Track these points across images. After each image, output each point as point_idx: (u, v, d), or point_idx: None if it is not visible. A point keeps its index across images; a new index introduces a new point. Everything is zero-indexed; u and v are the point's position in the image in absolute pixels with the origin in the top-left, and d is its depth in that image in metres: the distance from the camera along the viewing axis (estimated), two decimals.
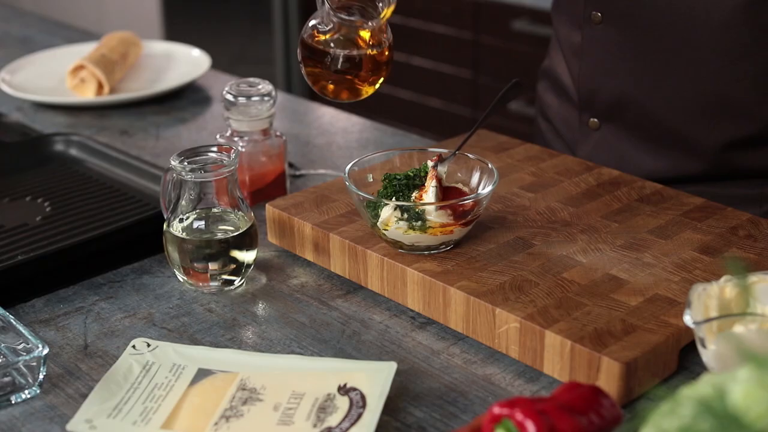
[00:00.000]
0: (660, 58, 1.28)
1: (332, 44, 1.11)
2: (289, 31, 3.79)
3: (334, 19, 1.09)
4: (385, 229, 1.07)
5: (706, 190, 1.32)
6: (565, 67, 1.44)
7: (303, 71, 1.15)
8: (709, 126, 1.29)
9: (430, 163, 1.11)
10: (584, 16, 1.35)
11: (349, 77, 1.13)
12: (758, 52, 1.23)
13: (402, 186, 1.10)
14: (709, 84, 1.27)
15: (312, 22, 1.13)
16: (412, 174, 1.11)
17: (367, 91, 1.15)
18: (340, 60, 1.11)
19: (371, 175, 1.16)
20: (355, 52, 1.10)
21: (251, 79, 1.33)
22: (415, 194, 1.10)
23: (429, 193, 1.08)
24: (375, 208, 1.08)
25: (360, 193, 1.08)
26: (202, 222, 1.12)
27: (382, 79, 1.15)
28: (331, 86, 1.14)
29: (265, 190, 1.34)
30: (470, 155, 1.16)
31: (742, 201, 1.30)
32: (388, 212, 1.06)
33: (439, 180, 1.10)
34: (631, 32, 1.30)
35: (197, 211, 1.12)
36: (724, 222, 1.14)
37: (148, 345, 1.01)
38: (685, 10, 1.24)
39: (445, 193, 1.10)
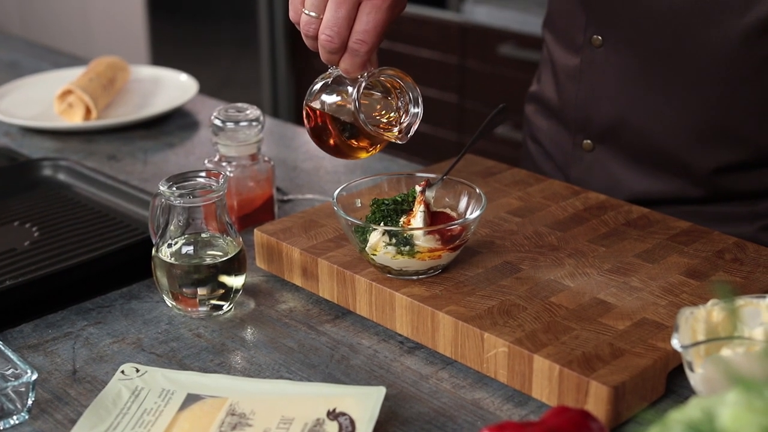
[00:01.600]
0: (659, 83, 1.28)
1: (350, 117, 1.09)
2: (276, 55, 3.80)
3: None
4: (373, 254, 1.07)
5: (698, 209, 1.32)
6: (555, 89, 1.44)
7: (308, 126, 1.13)
8: (705, 151, 1.29)
9: (418, 188, 1.12)
10: (584, 39, 1.35)
11: (356, 145, 1.11)
12: (756, 82, 1.23)
13: (390, 211, 1.11)
14: (706, 111, 1.27)
15: (332, 99, 1.11)
16: (400, 199, 1.12)
17: (364, 156, 1.14)
18: (356, 133, 1.10)
19: (359, 200, 1.16)
20: (373, 132, 1.08)
21: (239, 105, 1.33)
22: (403, 219, 1.10)
23: (417, 218, 1.09)
24: (363, 233, 1.08)
25: (348, 218, 1.08)
26: (191, 247, 1.12)
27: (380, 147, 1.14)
28: (332, 143, 1.12)
29: (254, 215, 1.34)
30: (458, 180, 1.16)
31: (734, 219, 1.31)
32: (376, 237, 1.07)
33: (427, 205, 1.10)
34: (632, 57, 1.30)
35: (186, 236, 1.12)
36: (711, 246, 1.15)
37: (137, 370, 1.01)
38: (686, 37, 1.24)
39: (433, 218, 1.11)
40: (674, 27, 1.24)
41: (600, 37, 1.32)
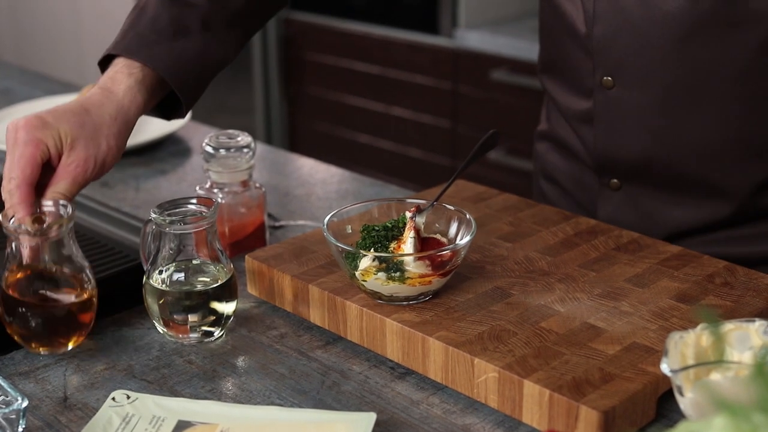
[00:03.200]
0: (680, 110, 1.26)
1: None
2: (269, 80, 3.81)
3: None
4: (363, 280, 1.07)
5: (734, 233, 1.31)
6: (571, 131, 1.41)
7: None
8: (737, 169, 1.27)
9: (408, 215, 1.12)
10: (594, 82, 1.31)
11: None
12: None
13: (380, 237, 1.11)
14: (732, 128, 1.24)
15: None
16: (390, 225, 1.12)
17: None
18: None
19: (350, 227, 1.16)
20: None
21: (231, 131, 1.34)
22: (393, 245, 1.10)
23: (407, 244, 1.09)
24: (354, 259, 1.08)
25: (339, 244, 1.08)
26: (182, 274, 1.12)
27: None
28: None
29: (245, 241, 1.34)
30: (448, 206, 1.16)
31: None
32: (366, 263, 1.07)
33: (417, 231, 1.11)
34: (646, 92, 1.27)
35: (177, 262, 1.12)
36: (701, 270, 1.15)
37: (128, 397, 1.01)
38: (698, 65, 1.22)
39: (424, 243, 1.11)
40: (686, 51, 1.22)
41: (610, 78, 1.29)
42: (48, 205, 1.10)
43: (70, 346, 1.11)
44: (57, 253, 1.08)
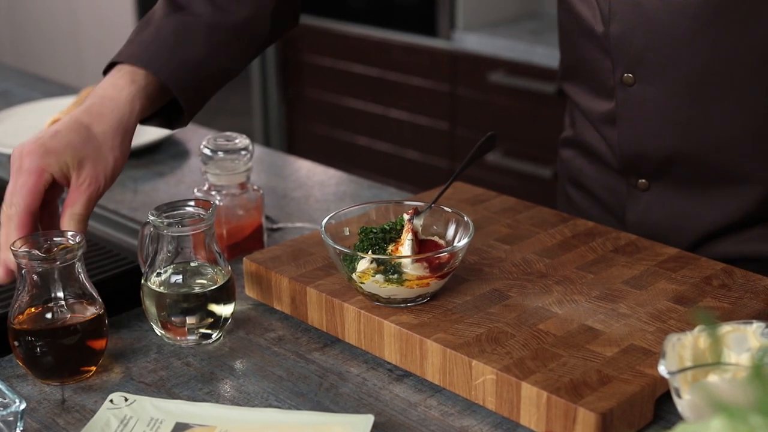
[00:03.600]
0: (703, 102, 1.24)
1: None
2: (267, 82, 3.81)
3: None
4: (361, 282, 1.07)
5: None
6: (596, 134, 1.40)
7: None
8: (764, 158, 1.26)
9: (405, 217, 1.12)
10: (615, 80, 1.31)
11: None
12: None
13: (378, 239, 1.11)
14: (759, 118, 1.23)
15: None
16: (388, 227, 1.12)
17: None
18: None
19: (347, 229, 1.16)
20: None
21: (228, 134, 1.34)
22: (391, 247, 1.10)
23: (405, 246, 1.09)
24: (351, 261, 1.08)
25: (336, 246, 1.08)
26: (180, 276, 1.12)
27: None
28: None
29: (243, 243, 1.34)
30: (446, 208, 1.17)
31: None
32: (364, 265, 1.07)
33: (415, 233, 1.11)
34: (668, 86, 1.26)
35: (175, 265, 1.12)
36: (699, 272, 1.15)
37: (126, 399, 1.01)
38: (718, 54, 1.21)
39: (422, 246, 1.11)
40: (705, 40, 1.21)
41: (631, 75, 1.28)
42: (57, 237, 1.09)
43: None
44: (66, 281, 1.07)
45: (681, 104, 1.26)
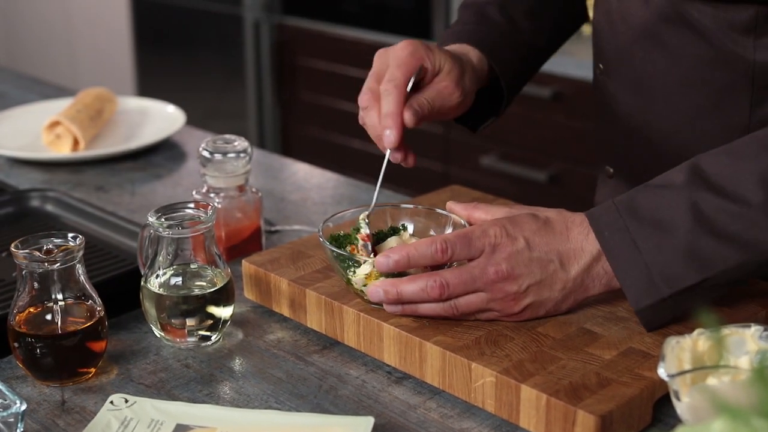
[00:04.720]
0: (649, 101, 1.27)
1: None
2: (262, 85, 3.81)
3: None
4: (364, 286, 1.07)
5: None
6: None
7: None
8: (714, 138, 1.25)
9: (361, 223, 1.13)
10: (596, 68, 1.37)
11: None
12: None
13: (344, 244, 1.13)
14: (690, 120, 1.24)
15: None
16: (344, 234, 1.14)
17: None
18: None
19: (344, 232, 1.17)
20: None
21: (227, 136, 1.34)
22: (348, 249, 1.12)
23: (362, 251, 1.11)
24: (348, 265, 1.09)
25: (334, 249, 1.09)
26: (179, 278, 1.12)
27: None
28: None
29: (241, 245, 1.34)
30: (442, 211, 1.17)
31: None
32: (367, 269, 1.07)
33: (368, 237, 1.12)
34: (621, 83, 1.30)
35: (174, 267, 1.12)
36: None
37: (126, 401, 1.01)
38: (655, 64, 1.23)
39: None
40: (645, 48, 1.24)
41: (601, 65, 1.34)
42: (57, 239, 1.09)
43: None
44: (66, 283, 1.07)
45: (632, 98, 1.29)
